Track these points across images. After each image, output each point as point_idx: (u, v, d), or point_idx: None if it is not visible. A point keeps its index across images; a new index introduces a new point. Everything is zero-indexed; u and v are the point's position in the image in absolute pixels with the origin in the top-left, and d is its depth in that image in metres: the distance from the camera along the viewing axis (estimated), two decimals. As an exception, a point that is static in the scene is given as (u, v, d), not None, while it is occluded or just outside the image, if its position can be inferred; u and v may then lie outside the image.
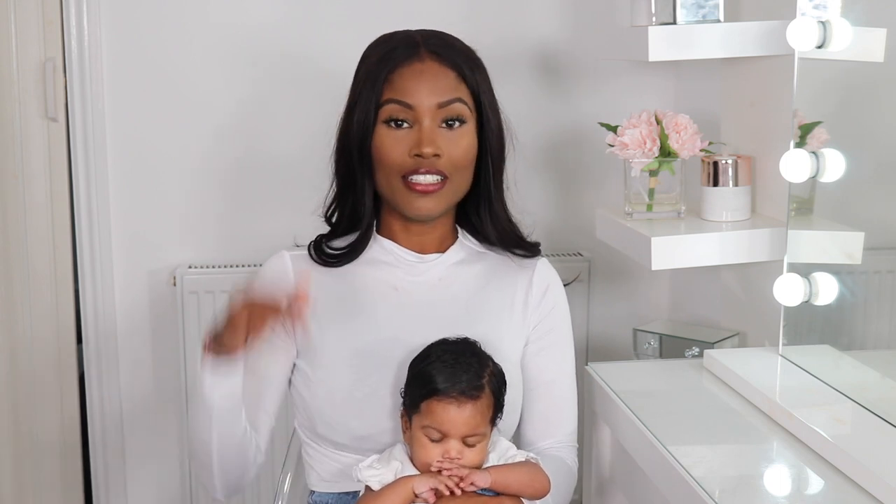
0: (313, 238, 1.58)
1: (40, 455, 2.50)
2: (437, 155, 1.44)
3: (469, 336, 1.46)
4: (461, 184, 1.50)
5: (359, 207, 1.53)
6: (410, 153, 1.45)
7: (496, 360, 1.46)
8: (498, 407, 1.42)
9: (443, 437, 1.36)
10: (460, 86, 1.47)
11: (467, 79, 1.48)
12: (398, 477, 1.38)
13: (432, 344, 1.44)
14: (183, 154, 2.43)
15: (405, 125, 1.46)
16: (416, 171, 1.45)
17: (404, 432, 1.43)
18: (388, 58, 1.47)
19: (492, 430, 1.42)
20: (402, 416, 1.43)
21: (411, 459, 1.41)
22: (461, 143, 1.47)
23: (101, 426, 2.50)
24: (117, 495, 2.54)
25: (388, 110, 1.46)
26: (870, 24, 1.62)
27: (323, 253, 1.55)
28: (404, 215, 1.51)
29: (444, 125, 1.46)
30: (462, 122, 1.47)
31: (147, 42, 2.39)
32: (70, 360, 2.50)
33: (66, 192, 2.43)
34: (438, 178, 1.46)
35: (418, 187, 1.46)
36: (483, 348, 1.45)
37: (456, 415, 1.36)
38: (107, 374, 2.47)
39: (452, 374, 1.37)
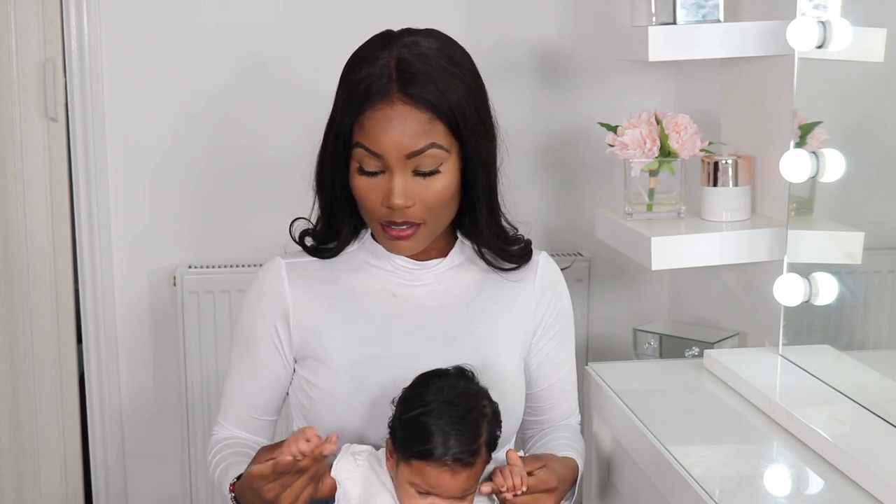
0: (297, 237, 1.53)
1: (40, 455, 2.50)
2: (408, 206, 1.39)
3: (469, 341, 1.46)
4: (440, 220, 1.46)
5: (341, 225, 1.50)
6: (383, 202, 1.40)
7: (497, 362, 1.45)
8: (491, 451, 1.36)
9: (430, 493, 1.32)
10: (434, 126, 1.37)
11: (443, 115, 1.38)
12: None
13: (427, 386, 1.36)
14: (183, 154, 2.43)
15: (377, 174, 1.40)
16: (391, 219, 1.41)
17: (388, 458, 1.36)
18: (359, 95, 1.38)
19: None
20: (388, 445, 1.36)
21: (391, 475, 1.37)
22: (434, 188, 1.40)
23: (101, 426, 2.50)
24: (117, 495, 2.54)
25: (359, 154, 1.40)
26: (870, 24, 1.62)
27: (318, 247, 1.52)
28: None
29: (415, 174, 1.39)
30: (435, 171, 1.40)
31: (147, 42, 2.39)
32: (70, 360, 2.50)
33: (66, 192, 2.44)
34: (411, 223, 1.43)
35: (393, 233, 1.43)
36: (483, 355, 1.43)
37: (449, 482, 1.30)
38: (107, 374, 2.48)
39: (449, 436, 1.29)
